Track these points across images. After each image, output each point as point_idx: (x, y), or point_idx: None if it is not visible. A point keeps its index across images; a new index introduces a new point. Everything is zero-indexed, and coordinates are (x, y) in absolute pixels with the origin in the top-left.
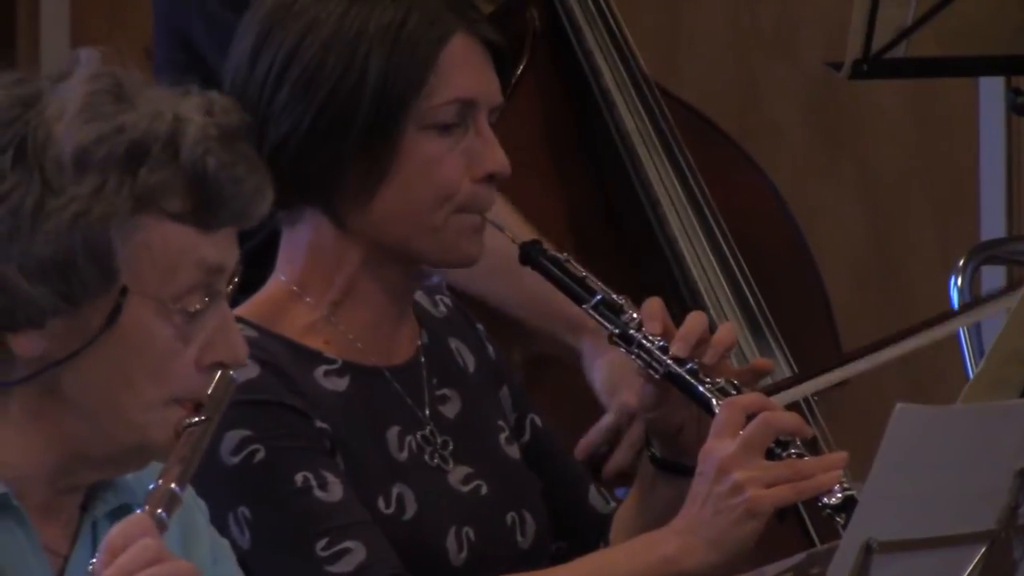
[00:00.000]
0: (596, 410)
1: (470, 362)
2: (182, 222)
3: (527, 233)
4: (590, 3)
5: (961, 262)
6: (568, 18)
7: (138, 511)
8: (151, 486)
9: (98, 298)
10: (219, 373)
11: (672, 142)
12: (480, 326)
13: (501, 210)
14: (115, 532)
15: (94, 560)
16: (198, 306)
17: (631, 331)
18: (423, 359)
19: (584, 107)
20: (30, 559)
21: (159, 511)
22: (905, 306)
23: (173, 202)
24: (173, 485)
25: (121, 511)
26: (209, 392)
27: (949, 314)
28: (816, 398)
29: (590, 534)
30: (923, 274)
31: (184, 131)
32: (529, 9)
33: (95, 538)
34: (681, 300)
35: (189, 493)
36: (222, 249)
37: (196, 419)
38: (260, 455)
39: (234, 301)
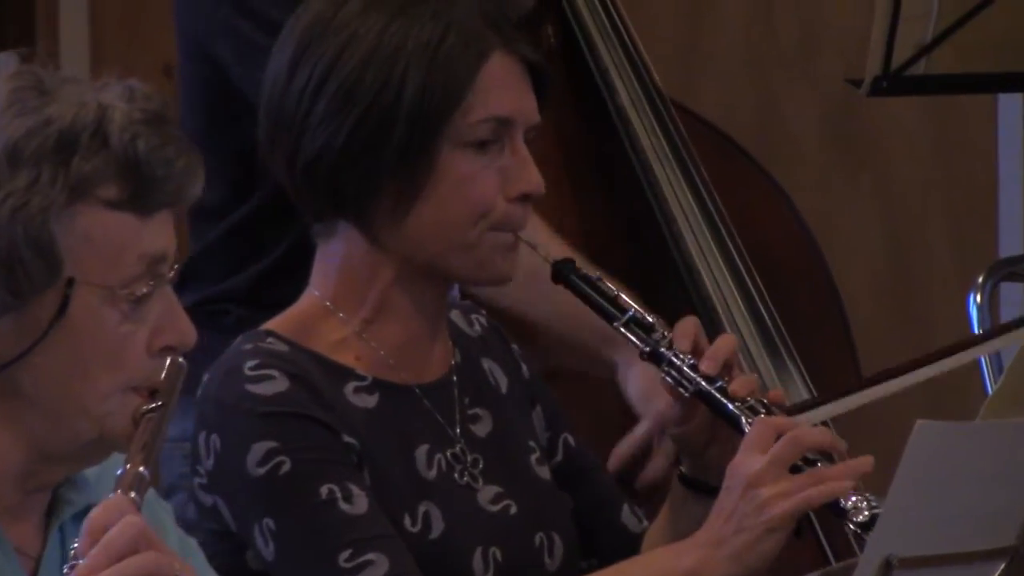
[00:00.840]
0: (613, 426)
1: (503, 382)
2: (119, 209)
3: (561, 248)
4: (605, 20)
5: (980, 279)
6: (583, 35)
7: (110, 495)
8: (118, 471)
9: (45, 291)
10: (169, 359)
11: (687, 159)
12: (516, 346)
13: (535, 224)
14: (96, 513)
15: (75, 545)
16: (144, 290)
17: (662, 349)
18: (455, 378)
19: (599, 124)
20: (2, 561)
21: (132, 494)
22: (923, 323)
23: (108, 189)
24: (140, 468)
25: (87, 512)
26: (162, 379)
27: (971, 341)
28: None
29: (622, 553)
30: (941, 291)
31: (111, 118)
32: (544, 26)
33: (63, 540)
34: (695, 316)
35: (152, 494)
36: (161, 236)
37: (152, 405)
38: (286, 467)
39: (269, 317)
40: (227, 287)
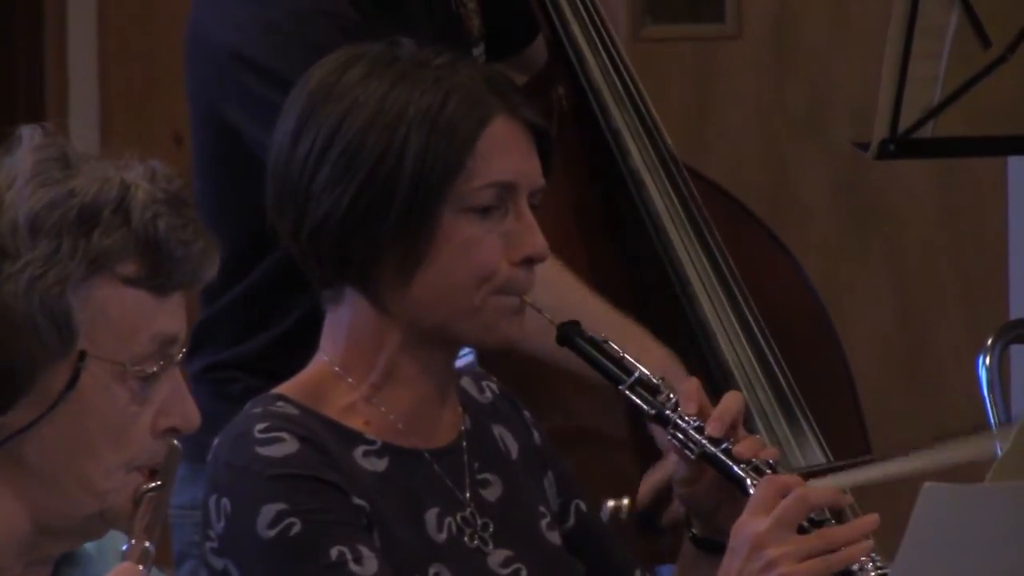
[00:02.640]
0: (629, 484)
1: (513, 448)
2: (136, 286)
3: (580, 292)
4: (618, 83)
5: (989, 341)
6: (595, 97)
7: (118, 566)
8: (123, 547)
9: (57, 363)
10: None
11: (701, 222)
12: (528, 413)
13: (556, 270)
14: None
15: None
16: (154, 369)
17: (667, 411)
18: (465, 443)
19: (612, 186)
20: None
21: (140, 568)
22: (934, 386)
23: (127, 266)
24: (147, 543)
25: None
26: (161, 460)
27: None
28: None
29: None
30: (951, 353)
31: (133, 195)
32: (556, 88)
33: None
34: (713, 381)
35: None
36: (175, 318)
37: (152, 485)
38: (296, 528)
39: (279, 383)
40: (236, 353)
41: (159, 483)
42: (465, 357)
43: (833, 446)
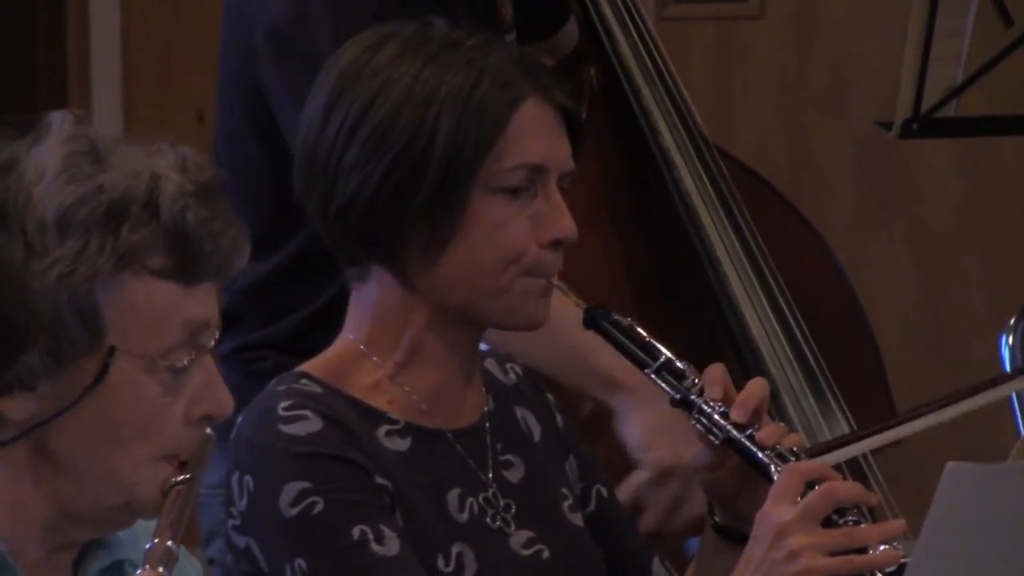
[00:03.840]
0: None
1: (536, 431)
2: (165, 279)
3: (602, 354)
4: (648, 63)
5: (1012, 321)
6: (626, 77)
7: (139, 572)
8: (147, 546)
9: (85, 357)
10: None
11: (731, 201)
12: (551, 397)
13: (575, 328)
14: None
15: None
16: (185, 361)
17: (692, 396)
18: (488, 424)
19: (643, 165)
20: None
21: (160, 569)
22: (956, 362)
23: (155, 259)
24: (169, 543)
25: (113, 568)
26: (192, 451)
27: (1003, 377)
28: (873, 458)
29: None
30: (974, 330)
31: (162, 189)
32: (587, 68)
33: None
34: (741, 359)
35: (180, 550)
36: (205, 305)
37: (181, 478)
38: (318, 507)
39: (304, 361)
40: (267, 334)
41: (188, 476)
42: None
43: (861, 423)
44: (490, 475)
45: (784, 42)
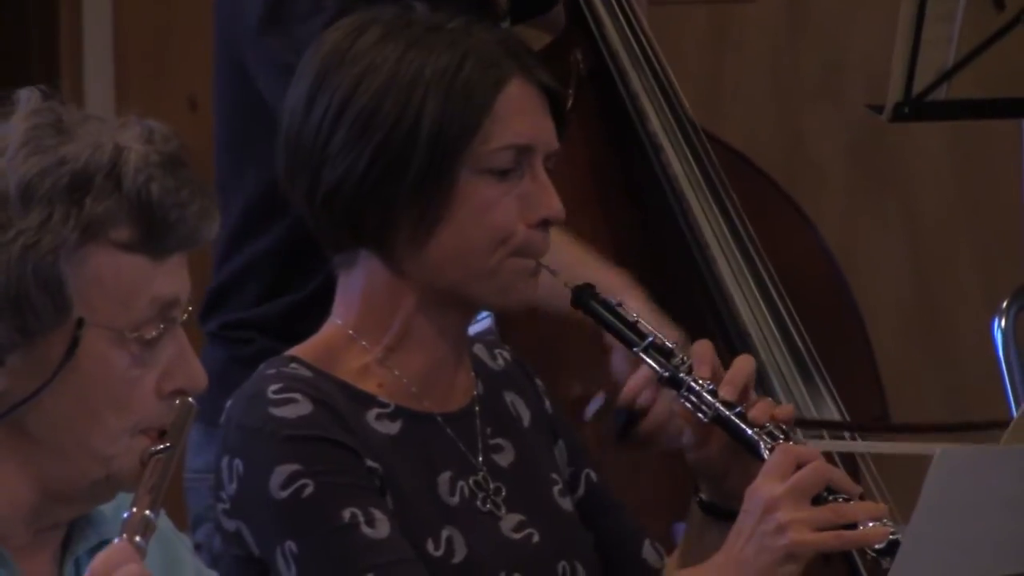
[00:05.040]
0: (647, 458)
1: (525, 416)
2: (132, 251)
3: (589, 262)
4: (635, 47)
5: (1004, 304)
6: (613, 61)
7: (115, 540)
8: (124, 515)
9: (53, 331)
10: (178, 400)
11: (719, 185)
12: (539, 381)
13: (564, 241)
14: (98, 561)
15: None
16: (154, 334)
17: (681, 374)
18: (477, 408)
19: (630, 150)
20: None
21: (137, 538)
22: (949, 347)
23: (120, 231)
24: (147, 512)
25: (101, 547)
26: (171, 420)
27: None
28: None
29: None
30: (967, 316)
31: (126, 159)
32: (574, 51)
33: (78, 574)
34: (730, 342)
35: (169, 527)
36: (174, 279)
37: (160, 447)
38: (309, 490)
39: (290, 347)
40: (257, 314)
41: (167, 444)
42: (482, 321)
43: (850, 405)
44: (480, 459)
45: (776, 27)
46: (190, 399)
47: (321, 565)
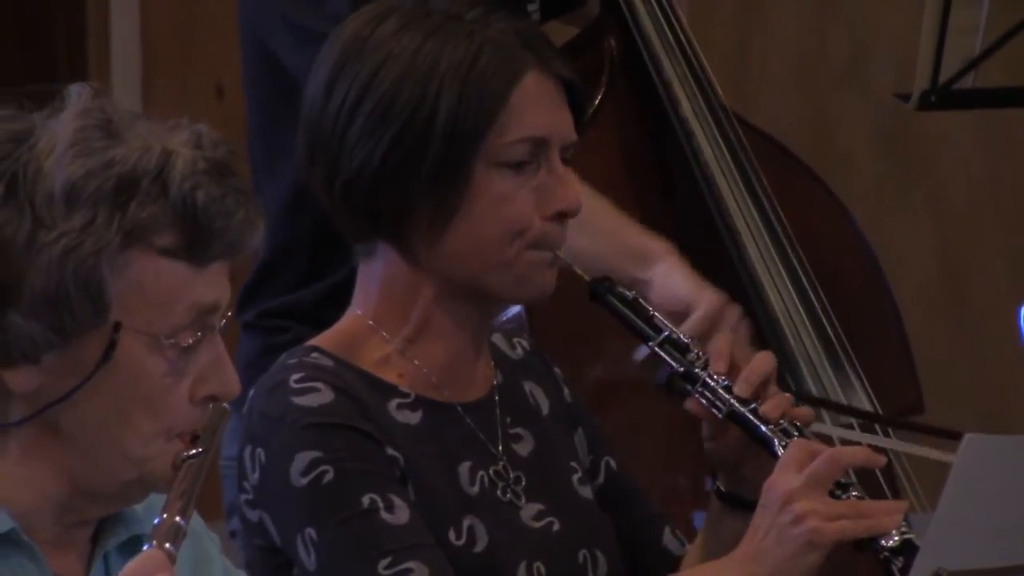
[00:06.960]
0: (666, 437)
1: (544, 404)
2: (173, 257)
3: (627, 225)
4: (668, 33)
5: None
6: (646, 47)
7: (147, 547)
8: (156, 520)
9: (90, 333)
10: (212, 405)
11: (750, 171)
12: (558, 370)
13: (600, 206)
14: (130, 569)
15: None
16: (191, 341)
17: (696, 369)
18: (497, 397)
19: (662, 135)
20: None
21: (167, 545)
22: (975, 333)
23: (163, 237)
24: (177, 518)
25: (131, 542)
26: (204, 424)
27: None
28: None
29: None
30: (994, 302)
31: (173, 165)
32: (607, 38)
33: (107, 570)
34: (760, 329)
35: (199, 523)
36: (215, 287)
37: (193, 451)
38: (329, 476)
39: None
40: (292, 300)
41: (200, 449)
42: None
43: (882, 395)
44: (500, 448)
45: (803, 13)
46: (224, 404)
47: (340, 550)
